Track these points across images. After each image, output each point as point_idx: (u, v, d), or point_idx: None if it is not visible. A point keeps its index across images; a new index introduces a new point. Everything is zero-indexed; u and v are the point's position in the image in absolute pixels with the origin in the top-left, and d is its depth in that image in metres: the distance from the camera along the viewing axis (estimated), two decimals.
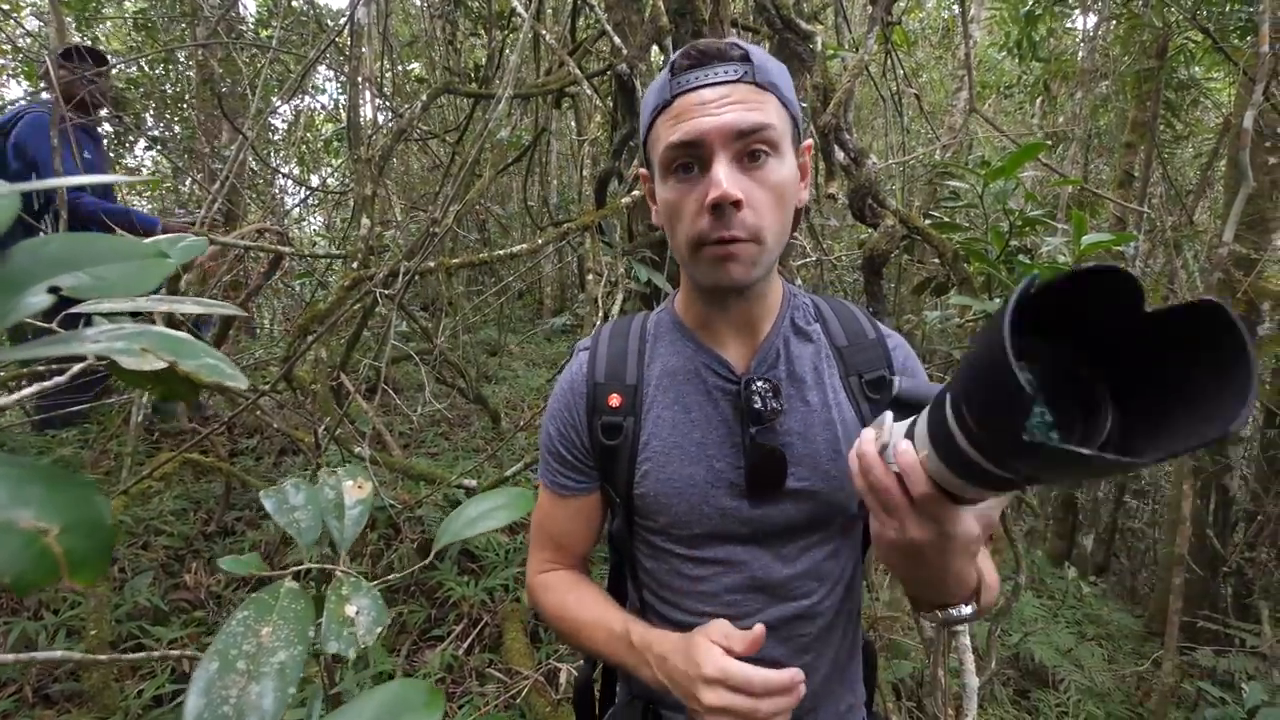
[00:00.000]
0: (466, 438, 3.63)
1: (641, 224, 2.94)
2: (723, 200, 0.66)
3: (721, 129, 0.67)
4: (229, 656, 0.45)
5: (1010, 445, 0.39)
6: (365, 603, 0.61)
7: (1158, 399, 0.41)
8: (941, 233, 1.83)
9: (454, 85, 2.86)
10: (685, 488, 0.78)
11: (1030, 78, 5.11)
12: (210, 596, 2.25)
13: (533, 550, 0.91)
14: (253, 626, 0.48)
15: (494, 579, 2.35)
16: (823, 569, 0.80)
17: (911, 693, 2.65)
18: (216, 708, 0.41)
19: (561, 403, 0.85)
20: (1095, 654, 3.77)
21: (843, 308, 0.86)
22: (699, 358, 0.80)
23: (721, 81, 0.68)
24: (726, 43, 0.70)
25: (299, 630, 0.49)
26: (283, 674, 0.45)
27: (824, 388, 0.79)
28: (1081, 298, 0.39)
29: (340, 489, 0.73)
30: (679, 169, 0.70)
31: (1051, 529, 5.78)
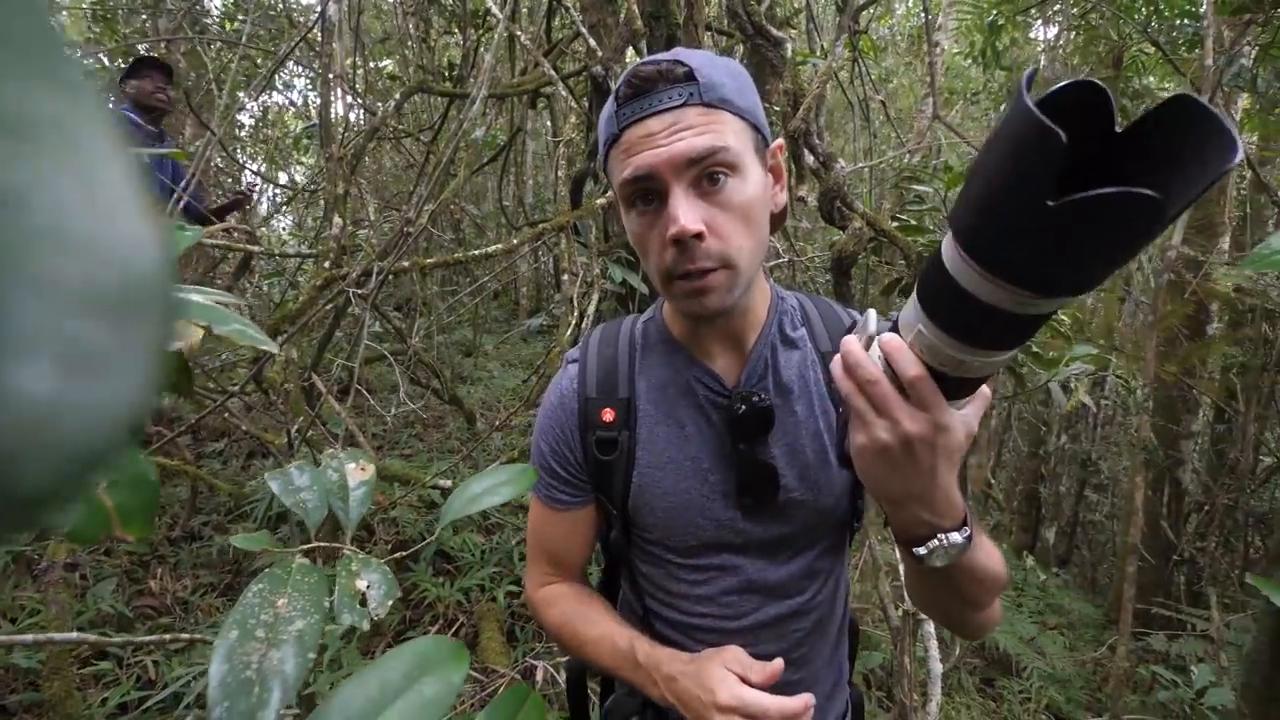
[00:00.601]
0: (441, 439, 3.61)
1: (617, 224, 2.96)
2: (682, 235, 0.64)
3: (672, 160, 0.64)
4: (247, 625, 0.46)
5: (1039, 230, 0.37)
6: (375, 577, 0.62)
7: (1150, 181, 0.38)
8: (907, 235, 1.89)
9: (428, 84, 2.85)
10: (681, 501, 0.78)
11: (995, 85, 5.27)
12: (177, 602, 2.21)
13: (530, 563, 0.90)
14: (268, 598, 0.49)
15: (470, 579, 2.35)
16: (815, 568, 0.81)
17: (881, 682, 2.72)
18: (239, 673, 0.42)
19: (553, 419, 0.83)
20: (1057, 642, 3.90)
21: (829, 309, 0.85)
22: (689, 371, 0.79)
23: (667, 108, 0.65)
24: (669, 61, 0.67)
25: (314, 600, 0.50)
26: (302, 640, 0.46)
27: (810, 396, 0.79)
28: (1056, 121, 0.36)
29: (344, 471, 0.74)
30: (638, 201, 0.68)
31: (1016, 523, 5.95)
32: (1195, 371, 4.40)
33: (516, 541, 2.61)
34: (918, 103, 6.28)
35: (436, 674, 0.47)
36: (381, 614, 0.57)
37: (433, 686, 0.48)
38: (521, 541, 2.61)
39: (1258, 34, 3.15)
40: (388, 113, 2.54)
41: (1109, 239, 0.37)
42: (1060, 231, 0.36)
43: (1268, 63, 3.33)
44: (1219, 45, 2.62)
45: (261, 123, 6.15)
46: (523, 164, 5.83)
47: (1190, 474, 4.65)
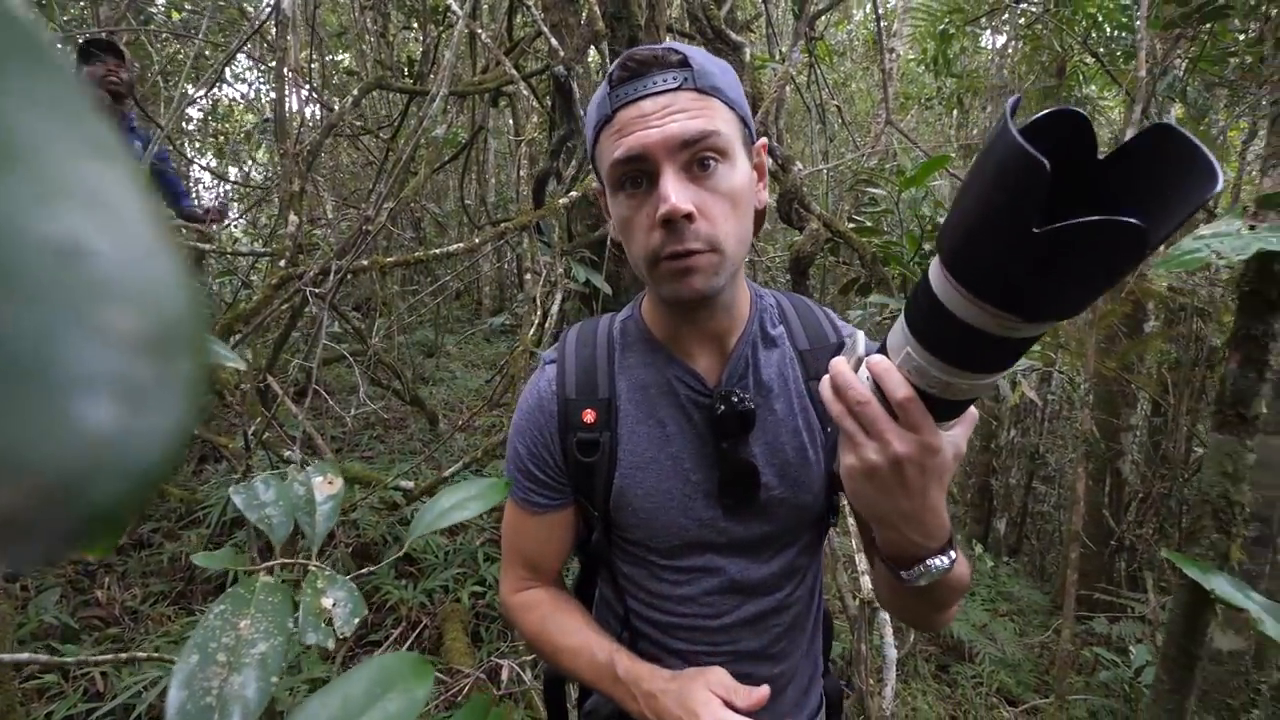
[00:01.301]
0: (403, 440, 3.56)
1: (580, 224, 2.96)
2: (672, 215, 0.64)
3: (665, 140, 0.64)
4: (208, 649, 0.45)
5: (1022, 257, 0.38)
6: (341, 595, 0.62)
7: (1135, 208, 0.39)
8: (862, 236, 1.95)
9: (387, 81, 2.80)
10: (663, 501, 0.77)
11: (947, 91, 5.45)
12: (126, 612, 2.13)
13: (505, 568, 0.88)
14: (230, 620, 0.48)
15: (433, 580, 2.33)
16: (795, 565, 0.82)
17: (841, 671, 2.79)
18: (199, 699, 0.41)
19: (530, 420, 0.81)
20: (1007, 628, 4.06)
21: (806, 309, 0.85)
22: (670, 370, 0.78)
23: (661, 91, 0.65)
24: (663, 48, 0.67)
25: (278, 622, 0.49)
26: (264, 664, 0.45)
27: (789, 395, 0.79)
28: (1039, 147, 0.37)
29: (310, 485, 0.73)
30: (627, 184, 0.68)
31: (969, 514, 6.16)
32: (1133, 367, 4.63)
33: (481, 542, 2.60)
34: (874, 107, 6.44)
35: (400, 689, 0.48)
36: (348, 632, 0.57)
37: (396, 702, 0.48)
38: (486, 542, 2.59)
39: (1187, 48, 3.34)
40: (345, 109, 2.49)
41: (1092, 266, 0.38)
42: (1044, 258, 0.37)
43: (1197, 75, 3.53)
44: (1152, 58, 2.78)
45: (211, 116, 5.94)
46: (484, 162, 5.77)
47: (1129, 465, 4.90)
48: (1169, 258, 0.71)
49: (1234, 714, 1.91)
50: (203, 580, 2.31)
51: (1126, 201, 0.40)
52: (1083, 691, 3.44)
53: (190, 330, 0.10)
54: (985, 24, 4.73)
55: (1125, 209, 0.37)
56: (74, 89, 0.10)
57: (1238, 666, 1.91)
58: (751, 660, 0.82)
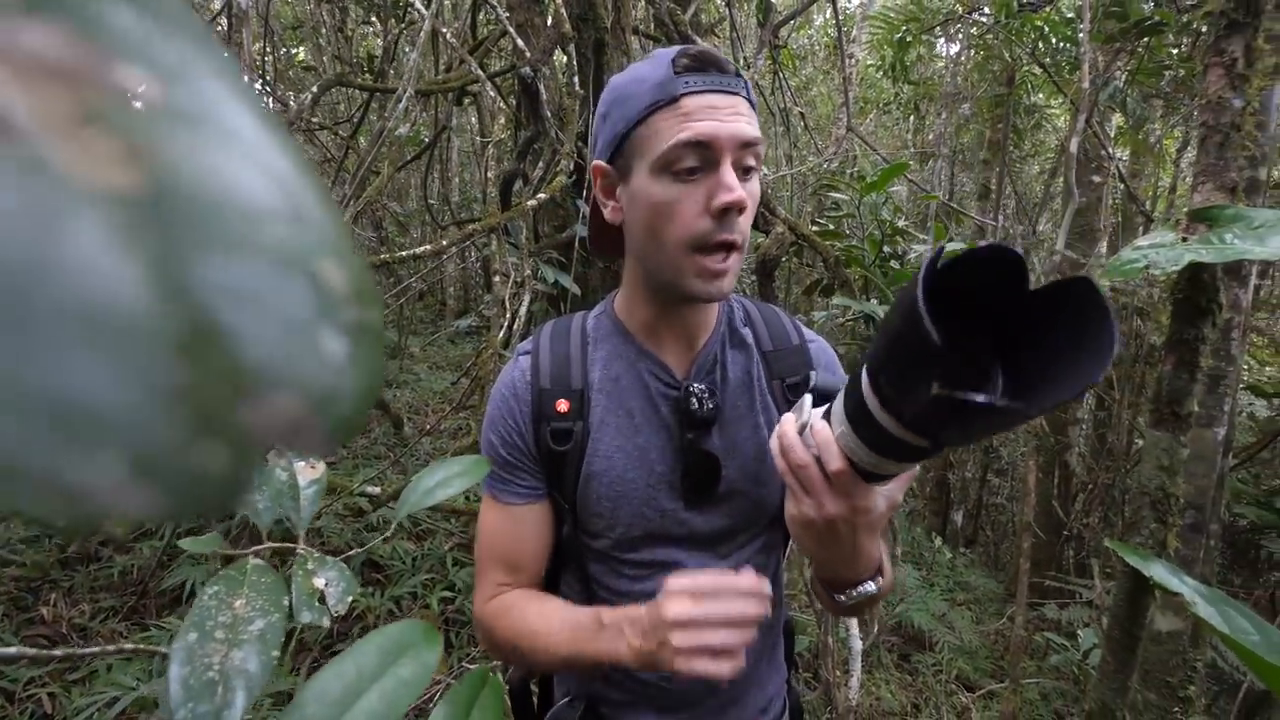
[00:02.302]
0: (367, 445, 3.48)
1: (548, 225, 2.95)
2: (738, 204, 0.67)
3: (733, 137, 0.67)
4: (206, 627, 0.44)
5: (922, 404, 0.43)
6: (333, 575, 0.61)
7: (1038, 360, 0.46)
8: (825, 240, 2.00)
9: (347, 78, 2.74)
10: (628, 490, 0.79)
11: (904, 97, 5.61)
12: (74, 630, 2.04)
13: (481, 579, 0.84)
14: (225, 600, 0.48)
15: (400, 587, 2.30)
16: (754, 563, 0.84)
17: (808, 664, 2.85)
18: (201, 674, 0.41)
19: (503, 409, 0.82)
20: (965, 616, 4.20)
21: (770, 313, 0.88)
22: (642, 363, 0.80)
23: (727, 91, 0.69)
24: (719, 54, 0.71)
25: (273, 600, 0.49)
26: (263, 639, 0.45)
27: (753, 393, 0.82)
28: (973, 276, 0.44)
29: (293, 470, 0.72)
30: (683, 169, 0.68)
31: (928, 508, 6.36)
32: None
33: (450, 547, 2.57)
34: (835, 111, 6.59)
35: (411, 655, 0.48)
36: (341, 610, 0.57)
37: (408, 668, 0.48)
38: (455, 547, 2.56)
39: (1126, 61, 3.52)
40: (304, 106, 2.43)
41: (981, 426, 0.43)
42: (940, 411, 0.42)
43: (1135, 86, 3.73)
44: (1094, 69, 2.92)
45: None
46: (448, 161, 5.69)
47: (1077, 457, 5.13)
48: (1111, 266, 0.76)
49: (1172, 690, 2.03)
50: (157, 594, 2.22)
51: (1040, 343, 0.46)
52: (1035, 675, 3.59)
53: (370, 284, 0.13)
54: (940, 33, 4.89)
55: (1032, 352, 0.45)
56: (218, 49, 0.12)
57: (1176, 646, 2.02)
58: None
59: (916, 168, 6.79)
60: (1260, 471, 4.48)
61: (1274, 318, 4.99)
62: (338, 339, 0.12)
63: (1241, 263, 1.64)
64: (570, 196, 2.61)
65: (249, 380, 0.10)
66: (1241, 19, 0.81)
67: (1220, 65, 0.83)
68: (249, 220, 0.11)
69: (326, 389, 0.11)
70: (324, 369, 0.11)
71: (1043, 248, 5.39)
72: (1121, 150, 5.16)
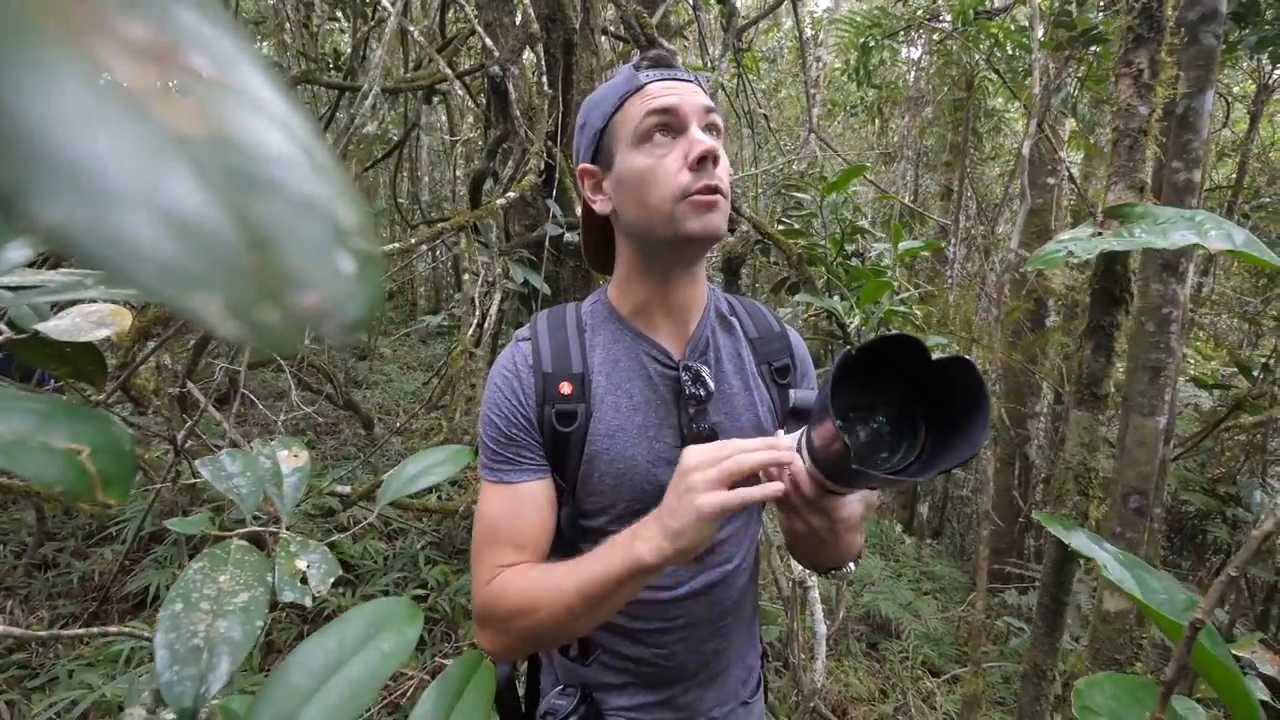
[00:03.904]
0: (337, 445, 3.45)
1: (519, 224, 2.96)
2: (709, 152, 0.75)
3: (695, 104, 0.78)
4: (191, 599, 0.46)
5: (842, 474, 0.58)
6: (315, 557, 0.63)
7: (947, 424, 0.60)
8: (789, 239, 2.06)
9: (314, 75, 2.72)
10: (629, 468, 0.82)
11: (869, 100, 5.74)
12: (31, 637, 1.99)
13: (480, 564, 0.81)
14: (210, 574, 0.49)
15: (372, 586, 2.29)
16: (740, 534, 0.89)
17: (779, 653, 2.92)
18: (187, 640, 0.43)
19: (506, 389, 0.83)
20: (931, 605, 4.33)
21: (751, 305, 0.96)
22: (639, 345, 0.85)
23: (682, 79, 0.81)
24: (675, 59, 0.84)
25: (258, 575, 0.51)
26: (248, 611, 0.46)
27: (745, 373, 0.88)
28: (887, 354, 0.58)
29: (276, 458, 0.73)
30: (656, 134, 0.78)
31: (896, 501, 6.51)
32: (1037, 359, 5.03)
33: (422, 546, 2.56)
34: (802, 113, 6.70)
35: (393, 629, 0.50)
36: (324, 590, 0.59)
37: (390, 641, 0.50)
38: (426, 545, 2.56)
39: (1076, 68, 3.67)
40: None
41: (883, 485, 0.61)
42: (857, 475, 0.57)
43: (1086, 92, 3.88)
44: (1046, 76, 3.04)
45: None
46: (418, 159, 5.64)
47: (1035, 449, 5.31)
48: (1036, 256, 0.82)
49: (1120, 668, 2.14)
50: (119, 599, 2.18)
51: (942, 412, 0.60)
52: (997, 659, 3.72)
53: (370, 224, 0.17)
54: (903, 38, 5.02)
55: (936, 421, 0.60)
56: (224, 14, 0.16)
57: (1123, 625, 2.13)
58: (700, 634, 0.88)
59: (882, 169, 6.95)
60: (1205, 460, 4.69)
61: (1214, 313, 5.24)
62: (349, 260, 0.16)
63: (1179, 260, 1.75)
64: (540, 196, 2.62)
65: (292, 277, 0.14)
66: (1146, 34, 0.88)
67: (1129, 75, 0.90)
68: (282, 166, 0.15)
69: (342, 294, 0.15)
70: (340, 280, 0.15)
71: (1001, 247, 5.57)
72: (1075, 153, 5.36)
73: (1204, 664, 0.58)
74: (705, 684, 0.90)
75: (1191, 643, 0.49)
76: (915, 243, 1.97)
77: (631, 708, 0.88)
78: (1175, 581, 0.71)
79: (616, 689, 0.88)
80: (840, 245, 1.92)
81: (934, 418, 0.62)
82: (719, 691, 0.91)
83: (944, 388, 0.59)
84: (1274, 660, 1.20)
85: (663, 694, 0.88)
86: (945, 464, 0.57)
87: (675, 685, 0.88)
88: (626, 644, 0.87)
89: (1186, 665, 0.50)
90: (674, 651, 0.87)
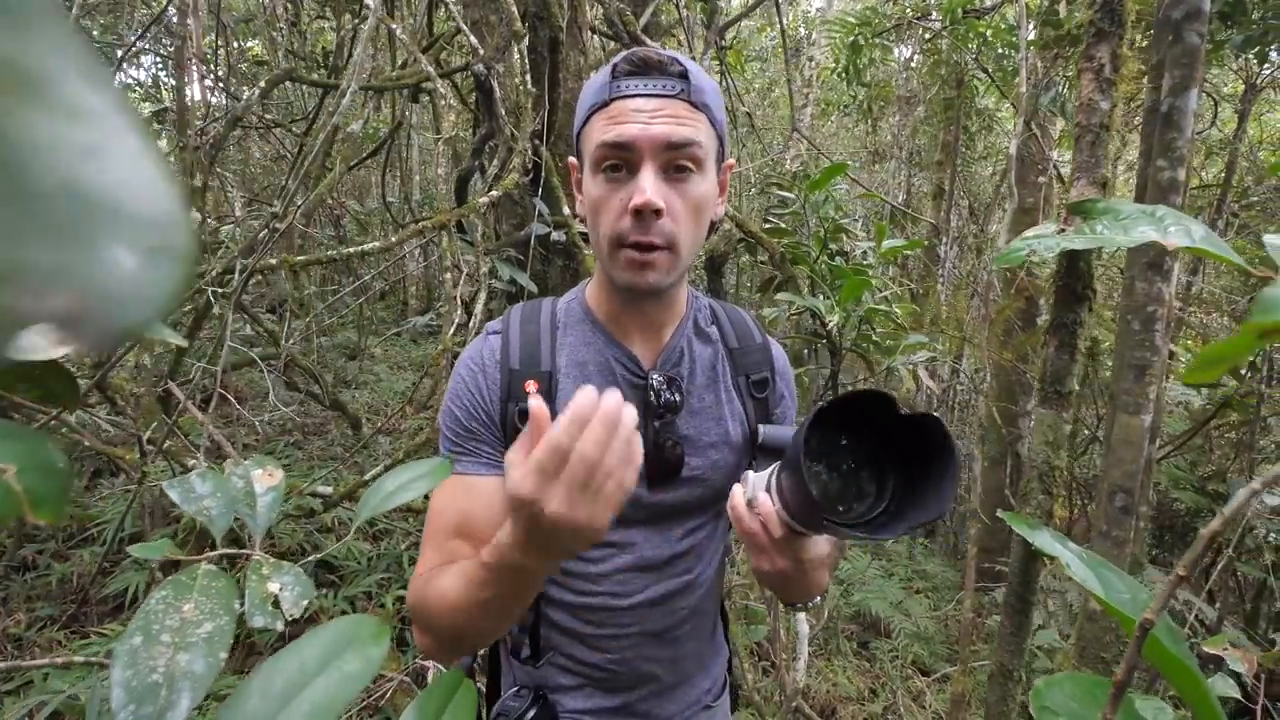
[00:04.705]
0: (323, 446, 3.43)
1: (506, 223, 2.95)
2: (645, 207, 0.70)
3: (653, 139, 0.70)
4: (152, 631, 0.44)
5: (810, 521, 0.60)
6: (289, 579, 0.60)
7: (918, 477, 0.60)
8: (774, 237, 2.05)
9: (296, 72, 2.70)
10: None
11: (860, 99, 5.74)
12: (8, 640, 1.97)
13: (424, 556, 0.80)
14: (173, 604, 0.47)
15: (355, 587, 2.28)
16: (702, 547, 0.87)
17: (766, 653, 2.91)
18: (145, 676, 0.41)
19: (470, 383, 0.82)
20: (922, 604, 4.33)
21: (735, 313, 0.93)
22: (609, 351, 0.83)
23: (659, 94, 0.71)
24: (669, 56, 0.73)
25: (224, 603, 0.49)
26: (210, 642, 0.45)
27: (718, 386, 0.86)
28: (859, 409, 0.59)
29: (249, 477, 0.71)
30: (608, 168, 0.73)
31: None
32: (1028, 357, 5.04)
33: (406, 546, 2.55)
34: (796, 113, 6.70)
35: (357, 649, 0.48)
36: (296, 613, 0.57)
37: (353, 663, 0.48)
38: (411, 546, 2.55)
39: (1065, 67, 3.67)
40: (252, 101, 2.39)
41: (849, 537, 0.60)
42: (825, 524, 0.59)
43: (1075, 91, 3.89)
44: (1034, 75, 3.05)
45: None
46: (408, 159, 5.62)
47: (1027, 448, 5.32)
48: (1000, 255, 0.81)
49: (1107, 666, 2.14)
50: (98, 600, 2.16)
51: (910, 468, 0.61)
52: (986, 658, 3.73)
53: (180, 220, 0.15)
54: (893, 37, 5.02)
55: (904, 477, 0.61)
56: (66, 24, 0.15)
57: (1110, 623, 2.13)
58: (655, 643, 0.86)
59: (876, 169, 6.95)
60: (1196, 458, 4.71)
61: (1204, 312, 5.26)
62: (129, 255, 0.14)
63: (1164, 258, 1.74)
64: (527, 194, 2.61)
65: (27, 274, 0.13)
66: (1108, 28, 0.88)
67: (1090, 70, 0.89)
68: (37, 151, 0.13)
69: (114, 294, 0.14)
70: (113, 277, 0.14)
71: (992, 246, 5.58)
72: (1065, 152, 5.37)
73: (1164, 663, 0.58)
74: (663, 691, 0.89)
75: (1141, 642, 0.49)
76: (899, 241, 1.96)
77: (587, 711, 0.86)
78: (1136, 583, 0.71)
79: (572, 691, 0.87)
80: (824, 244, 1.92)
81: (905, 470, 0.62)
82: (678, 699, 0.90)
83: (917, 441, 0.59)
84: (1245, 658, 1.20)
85: (619, 699, 0.87)
86: (915, 518, 0.57)
87: (631, 691, 0.87)
88: (581, 649, 0.85)
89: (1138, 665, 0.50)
90: (627, 658, 0.85)
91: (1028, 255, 0.74)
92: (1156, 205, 0.74)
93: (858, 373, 4.02)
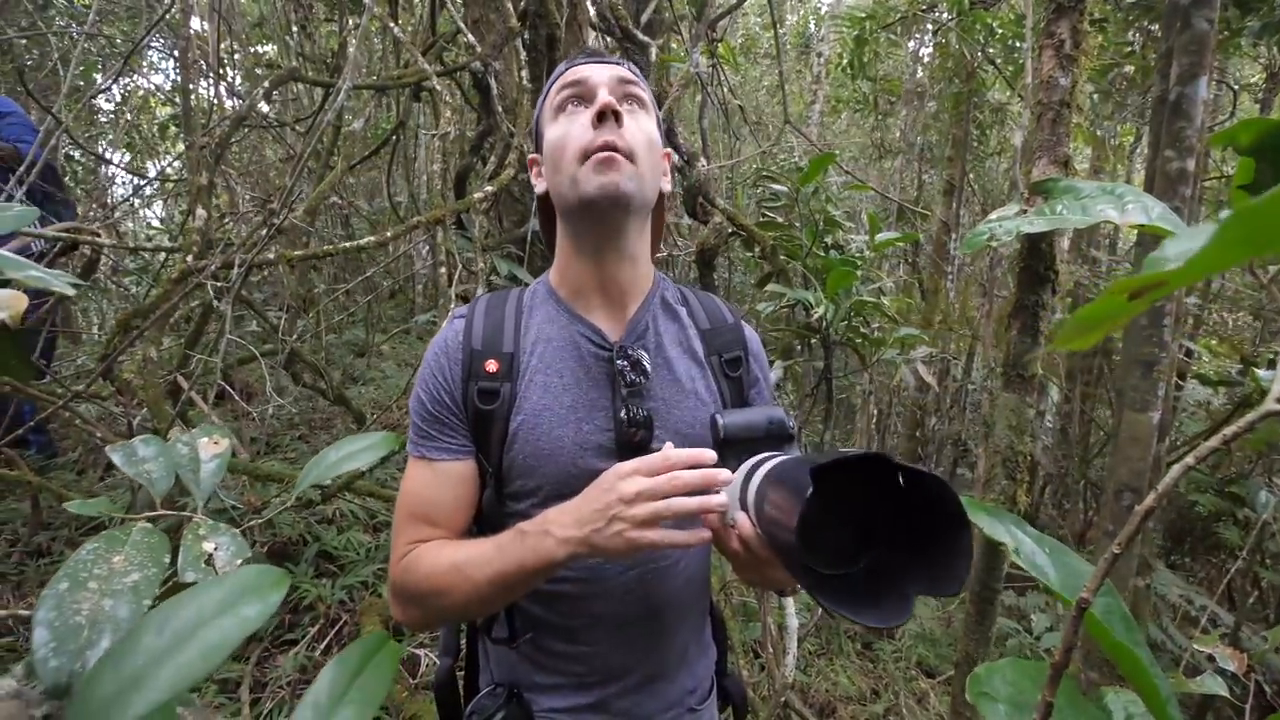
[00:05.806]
0: (329, 440, 3.48)
1: (506, 220, 2.97)
2: (606, 108, 0.76)
3: (607, 74, 0.82)
4: (79, 578, 0.45)
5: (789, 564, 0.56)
6: (224, 540, 0.62)
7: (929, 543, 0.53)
8: (766, 230, 2.04)
9: (298, 72, 2.75)
10: (554, 450, 0.79)
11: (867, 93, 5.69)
12: (20, 623, 2.03)
13: (397, 540, 0.82)
14: (104, 555, 0.48)
15: (353, 577, 2.31)
16: (679, 527, 0.85)
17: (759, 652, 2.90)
18: (68, 618, 0.42)
19: (434, 366, 0.83)
20: (929, 604, 4.28)
21: (706, 297, 0.95)
22: (574, 326, 0.83)
23: (610, 63, 0.85)
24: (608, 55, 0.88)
25: (154, 558, 0.49)
26: (136, 590, 0.45)
27: (687, 362, 0.86)
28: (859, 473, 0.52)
29: (195, 444, 0.73)
30: (567, 104, 0.81)
31: None
32: None
33: None
34: (805, 109, 6.66)
35: (256, 596, 0.48)
36: (230, 572, 0.58)
37: (252, 608, 0.48)
38: None
39: None
40: (255, 101, 2.43)
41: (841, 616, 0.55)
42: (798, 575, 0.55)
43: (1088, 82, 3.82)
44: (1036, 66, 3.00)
45: (123, 108, 5.64)
46: (414, 158, 5.68)
47: (1042, 448, 5.23)
48: (966, 240, 0.80)
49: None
50: None
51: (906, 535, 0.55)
52: (993, 659, 3.67)
53: None
54: (900, 31, 4.97)
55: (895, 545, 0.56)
56: None
57: None
58: (632, 633, 0.85)
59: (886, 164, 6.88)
60: (1218, 460, 4.59)
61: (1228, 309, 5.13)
62: None
63: None
64: (527, 191, 2.63)
65: None
66: (1067, 3, 0.86)
67: (1051, 46, 0.88)
68: None
69: None
70: None
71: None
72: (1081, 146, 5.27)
73: (1113, 650, 0.57)
74: (642, 688, 0.86)
75: (1079, 622, 0.48)
76: (892, 234, 1.95)
77: (563, 709, 0.85)
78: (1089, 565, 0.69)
79: (548, 689, 0.86)
80: (817, 237, 1.91)
81: (915, 536, 0.55)
82: (658, 697, 0.88)
83: (926, 510, 0.52)
84: (1236, 657, 1.17)
85: (595, 695, 0.85)
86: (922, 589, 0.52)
87: (608, 687, 0.85)
88: (556, 641, 0.85)
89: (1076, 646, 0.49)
90: (602, 650, 0.84)
91: (988, 239, 0.74)
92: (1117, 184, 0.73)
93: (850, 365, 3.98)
